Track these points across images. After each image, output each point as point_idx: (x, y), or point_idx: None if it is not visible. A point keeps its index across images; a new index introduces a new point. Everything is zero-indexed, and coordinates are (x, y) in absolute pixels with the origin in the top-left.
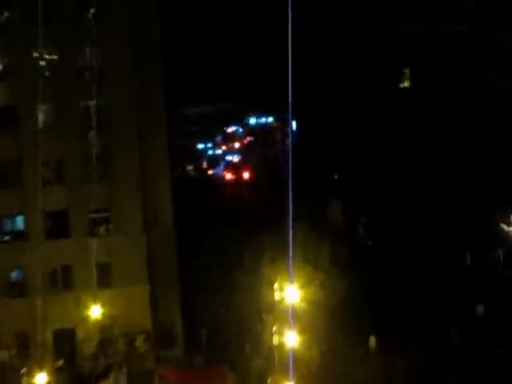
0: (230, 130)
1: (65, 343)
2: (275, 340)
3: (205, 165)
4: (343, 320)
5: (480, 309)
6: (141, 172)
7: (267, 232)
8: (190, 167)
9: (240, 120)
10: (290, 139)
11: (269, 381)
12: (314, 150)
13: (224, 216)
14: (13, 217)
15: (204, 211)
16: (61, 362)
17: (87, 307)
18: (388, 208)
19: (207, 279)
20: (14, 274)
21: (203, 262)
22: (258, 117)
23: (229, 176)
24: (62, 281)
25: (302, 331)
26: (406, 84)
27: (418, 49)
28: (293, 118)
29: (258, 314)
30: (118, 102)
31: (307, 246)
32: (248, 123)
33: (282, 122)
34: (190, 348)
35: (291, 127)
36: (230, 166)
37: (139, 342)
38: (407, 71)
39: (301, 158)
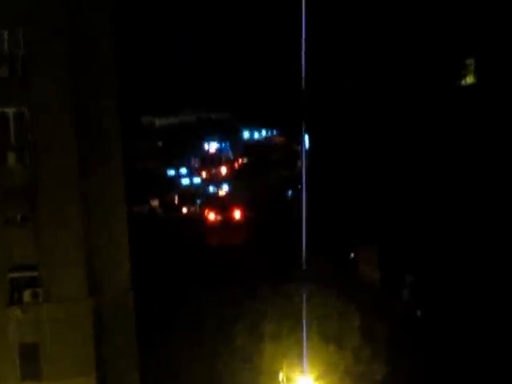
0: (212, 148)
1: None
2: None
3: (176, 200)
4: None
5: None
6: (84, 214)
7: (268, 295)
8: (154, 202)
9: (226, 135)
10: (303, 160)
11: None
12: (336, 176)
13: (206, 274)
14: None
15: (177, 266)
16: None
17: None
18: (446, 260)
19: (181, 365)
20: None
21: (176, 340)
22: (253, 130)
23: (212, 217)
24: None
25: None
26: (469, 80)
27: (487, 31)
28: (306, 131)
29: None
30: (50, 108)
31: (327, 316)
32: (240, 139)
33: (289, 136)
34: None
35: (304, 143)
36: (215, 202)
37: None
38: (471, 62)
39: (318, 187)
